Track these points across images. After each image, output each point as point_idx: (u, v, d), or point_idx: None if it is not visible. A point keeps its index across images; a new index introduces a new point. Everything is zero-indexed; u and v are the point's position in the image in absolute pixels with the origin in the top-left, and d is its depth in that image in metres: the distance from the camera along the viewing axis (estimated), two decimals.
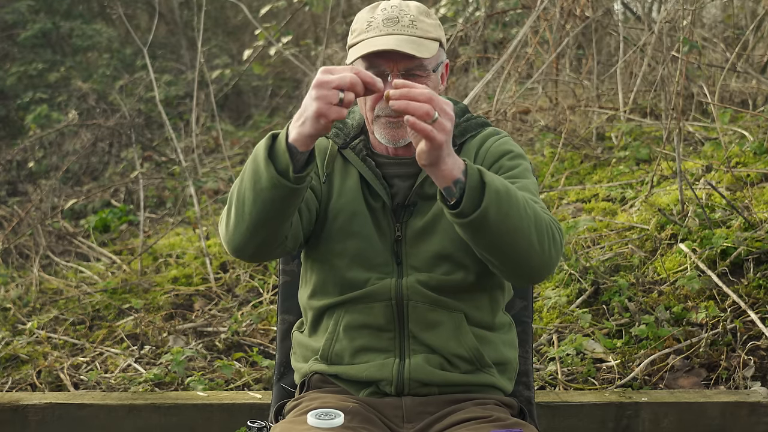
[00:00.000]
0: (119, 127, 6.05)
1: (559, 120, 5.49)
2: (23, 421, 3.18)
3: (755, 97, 5.63)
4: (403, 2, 2.07)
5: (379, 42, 2.00)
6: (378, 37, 2.01)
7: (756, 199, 4.04)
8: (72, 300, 4.31)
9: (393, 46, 1.98)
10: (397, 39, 2.00)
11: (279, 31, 5.82)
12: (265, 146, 1.89)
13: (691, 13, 4.59)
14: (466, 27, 5.86)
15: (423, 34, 2.03)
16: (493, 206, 1.84)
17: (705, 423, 3.06)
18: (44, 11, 8.35)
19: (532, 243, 1.90)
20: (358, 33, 2.05)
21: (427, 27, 2.04)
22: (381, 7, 2.06)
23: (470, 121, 2.19)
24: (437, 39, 2.06)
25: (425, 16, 2.06)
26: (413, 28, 2.02)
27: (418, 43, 2.01)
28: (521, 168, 2.12)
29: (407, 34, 2.01)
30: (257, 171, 1.89)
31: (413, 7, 2.06)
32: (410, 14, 2.04)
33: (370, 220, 2.12)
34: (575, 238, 4.03)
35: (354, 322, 2.11)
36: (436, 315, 2.09)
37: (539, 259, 1.93)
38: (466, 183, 1.83)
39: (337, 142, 2.17)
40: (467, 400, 2.10)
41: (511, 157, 2.13)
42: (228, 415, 3.15)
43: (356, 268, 2.10)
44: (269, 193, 1.89)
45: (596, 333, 3.49)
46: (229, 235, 2.00)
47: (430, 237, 2.10)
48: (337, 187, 2.14)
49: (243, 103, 8.92)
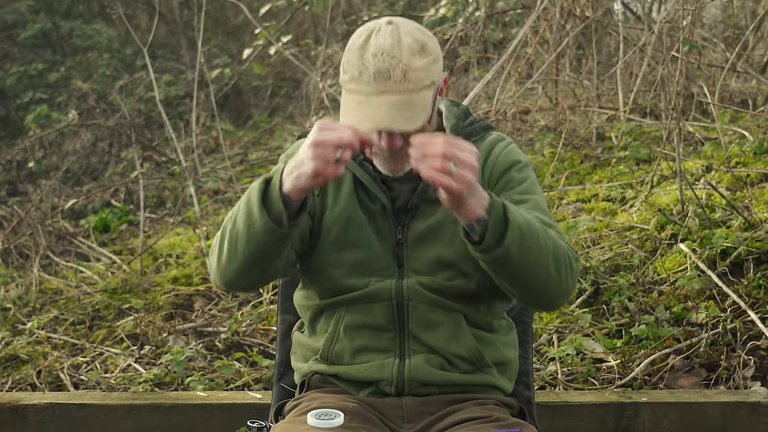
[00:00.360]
0: (119, 127, 6.06)
1: (559, 120, 5.49)
2: (23, 421, 3.18)
3: (755, 97, 5.63)
4: (395, 40, 1.95)
5: (371, 112, 1.93)
6: (369, 96, 1.94)
7: (756, 199, 4.04)
8: (72, 300, 4.31)
9: (386, 122, 1.92)
10: (389, 107, 1.92)
11: (279, 30, 5.83)
12: (258, 191, 1.91)
13: (691, 13, 4.59)
14: (466, 27, 5.86)
15: (416, 86, 1.94)
16: (515, 242, 1.88)
17: (705, 423, 3.06)
18: (44, 11, 8.36)
19: (551, 273, 1.95)
20: (350, 78, 1.97)
21: (420, 74, 1.95)
22: (372, 51, 1.95)
23: (474, 125, 2.18)
24: (432, 82, 1.98)
25: (419, 56, 1.96)
26: (406, 83, 1.93)
27: (411, 106, 1.94)
28: (530, 182, 2.13)
29: (399, 91, 1.93)
30: (251, 215, 1.92)
31: (406, 48, 1.95)
32: (402, 62, 1.93)
33: (367, 225, 2.11)
34: (575, 238, 4.04)
35: (354, 322, 2.11)
36: (436, 315, 2.09)
37: (557, 288, 1.98)
38: (489, 221, 1.86)
39: None
40: (467, 400, 2.10)
41: (519, 169, 2.13)
42: (228, 415, 3.15)
43: (355, 275, 2.10)
44: (263, 236, 1.93)
45: (596, 333, 3.49)
46: (220, 270, 2.03)
47: (433, 242, 2.10)
48: (331, 197, 2.14)
49: (243, 103, 8.92)
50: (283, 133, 7.44)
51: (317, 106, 6.31)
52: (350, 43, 2.00)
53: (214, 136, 7.03)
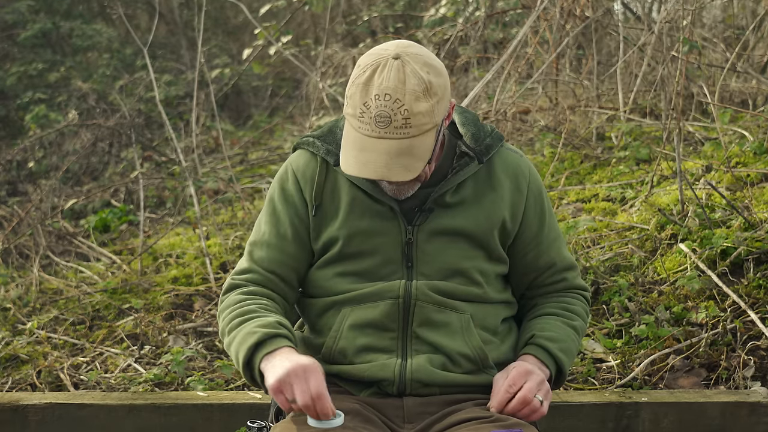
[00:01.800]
0: (119, 127, 6.05)
1: (559, 120, 5.49)
2: (23, 421, 3.18)
3: (755, 97, 5.63)
4: (399, 81, 1.91)
5: (371, 160, 1.93)
6: (371, 138, 1.93)
7: (756, 199, 4.04)
8: (72, 300, 4.31)
9: (383, 173, 1.94)
10: (388, 155, 1.92)
11: (279, 30, 5.82)
12: (244, 374, 2.06)
13: (691, 13, 4.59)
14: (466, 27, 5.86)
15: (417, 131, 1.93)
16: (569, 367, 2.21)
17: (705, 423, 3.06)
18: (44, 11, 8.35)
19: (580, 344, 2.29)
20: (352, 115, 1.96)
21: (423, 119, 1.93)
22: (375, 92, 1.92)
23: (492, 136, 2.17)
24: (434, 125, 1.96)
25: (423, 99, 1.93)
26: (407, 128, 1.92)
27: (410, 153, 1.93)
28: (550, 209, 2.25)
29: (400, 137, 1.92)
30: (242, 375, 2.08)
31: (409, 91, 1.92)
32: (404, 106, 1.91)
33: (372, 232, 2.11)
34: (575, 238, 4.04)
35: (359, 320, 2.11)
36: (443, 316, 2.09)
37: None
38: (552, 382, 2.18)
39: (330, 160, 2.15)
40: (468, 400, 2.10)
41: (546, 197, 2.24)
42: (228, 415, 3.15)
43: (362, 281, 2.11)
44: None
45: (596, 333, 3.49)
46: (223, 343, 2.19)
47: (446, 249, 2.10)
48: (330, 213, 2.14)
49: (243, 103, 8.92)
50: (283, 133, 7.43)
51: (317, 106, 6.31)
52: (355, 75, 1.97)
53: (214, 136, 7.03)
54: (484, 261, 2.14)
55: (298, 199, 2.16)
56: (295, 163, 2.19)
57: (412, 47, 1.98)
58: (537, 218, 2.18)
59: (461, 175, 2.11)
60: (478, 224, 2.11)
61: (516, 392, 2.02)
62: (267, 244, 2.17)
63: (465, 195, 2.12)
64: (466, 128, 2.15)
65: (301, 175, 2.17)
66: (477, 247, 2.12)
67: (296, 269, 2.17)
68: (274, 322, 2.04)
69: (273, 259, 2.16)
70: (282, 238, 2.16)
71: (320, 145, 2.16)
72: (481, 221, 2.11)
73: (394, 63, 1.93)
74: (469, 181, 2.13)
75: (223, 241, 4.71)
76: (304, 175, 2.16)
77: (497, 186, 2.13)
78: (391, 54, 1.94)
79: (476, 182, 2.13)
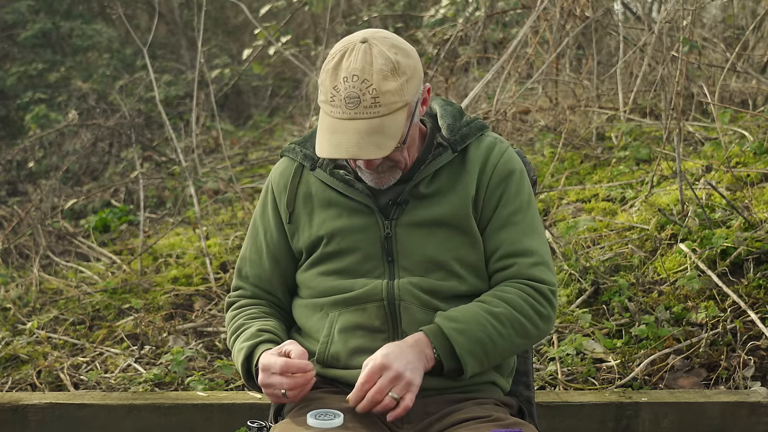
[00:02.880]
0: (119, 127, 6.05)
1: (559, 120, 5.49)
2: (23, 421, 3.18)
3: (755, 97, 5.63)
4: (366, 62, 1.95)
5: (343, 140, 1.96)
6: (341, 120, 1.96)
7: (756, 199, 4.04)
8: (72, 300, 4.31)
9: (354, 152, 1.96)
10: (359, 134, 1.95)
11: (279, 30, 5.82)
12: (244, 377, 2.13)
13: (691, 13, 4.59)
14: (466, 27, 5.86)
15: (387, 110, 1.95)
16: (476, 363, 2.04)
17: (705, 423, 3.06)
18: (44, 11, 8.35)
19: (521, 345, 2.12)
20: (324, 100, 2.00)
21: (392, 98, 1.95)
22: (343, 74, 1.96)
23: (470, 125, 2.17)
24: (404, 104, 1.98)
25: (391, 77, 1.96)
26: (376, 107, 1.94)
27: (382, 131, 1.95)
28: (523, 197, 2.14)
29: (370, 116, 1.94)
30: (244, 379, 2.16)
31: (377, 71, 1.95)
32: (372, 85, 1.94)
33: (350, 229, 2.12)
34: (575, 238, 4.03)
35: (348, 324, 2.11)
36: (428, 316, 2.08)
37: (535, 341, 2.17)
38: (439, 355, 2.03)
39: (306, 164, 2.18)
40: (467, 399, 2.10)
41: (515, 180, 2.14)
42: (228, 415, 3.15)
43: (344, 279, 2.12)
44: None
45: (596, 333, 3.49)
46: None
47: (426, 241, 2.10)
48: (305, 218, 2.17)
49: (243, 103, 8.93)
50: (283, 133, 7.44)
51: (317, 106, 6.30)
52: (325, 63, 2.02)
53: (214, 136, 7.03)
54: (467, 249, 2.11)
55: (272, 213, 2.22)
56: (273, 174, 2.26)
57: (381, 32, 2.04)
58: (496, 198, 2.12)
59: (434, 164, 2.11)
60: (454, 210, 2.09)
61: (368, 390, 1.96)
62: (250, 260, 2.27)
63: (440, 184, 2.12)
64: (443, 120, 2.17)
65: (276, 186, 2.23)
66: (458, 233, 2.10)
67: (282, 278, 2.25)
68: (255, 332, 2.14)
69: (256, 274, 2.26)
70: (260, 254, 2.24)
71: (299, 150, 2.21)
72: (457, 206, 2.10)
73: (361, 47, 1.98)
74: (444, 170, 2.13)
75: (223, 241, 4.71)
76: (278, 185, 2.22)
77: (470, 169, 2.12)
78: (359, 39, 2.00)
79: (451, 171, 2.13)
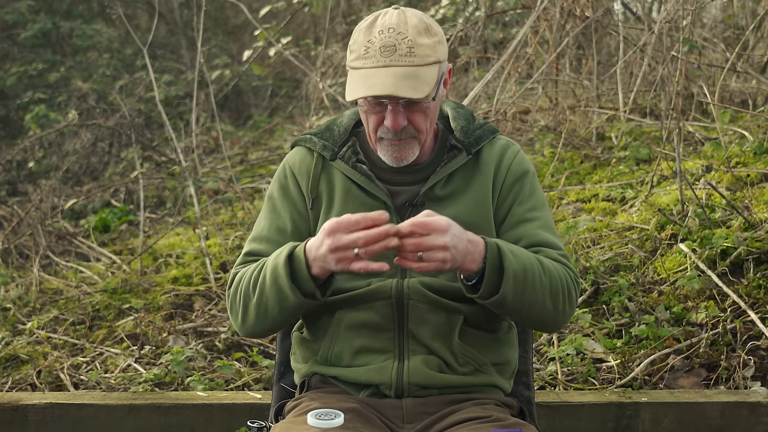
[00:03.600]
0: (119, 127, 6.05)
1: (559, 120, 5.49)
2: (23, 421, 3.18)
3: (755, 97, 5.63)
4: (401, 20, 2.01)
5: (376, 81, 1.97)
6: (376, 68, 1.98)
7: (756, 199, 4.04)
8: (72, 300, 4.31)
9: (390, 89, 1.96)
10: (395, 77, 1.97)
11: (279, 31, 5.82)
12: (286, 273, 1.97)
13: (691, 13, 4.59)
14: (466, 27, 5.86)
15: (422, 61, 1.99)
16: (510, 290, 1.95)
17: (705, 423, 3.06)
18: (44, 11, 8.36)
19: (547, 308, 2.03)
20: (356, 57, 2.02)
21: (426, 50, 2.00)
22: (378, 29, 2.01)
23: (483, 128, 2.19)
24: (437, 61, 2.02)
25: (425, 34, 2.01)
26: (411, 57, 1.98)
27: (416, 77, 1.98)
28: (537, 196, 2.17)
29: (405, 64, 1.97)
30: (282, 293, 1.99)
31: (411, 26, 2.00)
32: (408, 38, 1.98)
33: None
34: (575, 238, 4.04)
35: (354, 322, 2.11)
36: (435, 316, 2.09)
37: (553, 319, 2.07)
38: (486, 268, 1.93)
39: (326, 155, 2.17)
40: (467, 400, 2.10)
41: (530, 180, 2.17)
42: (228, 415, 3.15)
43: (356, 277, 2.11)
44: (296, 308, 2.02)
45: (596, 333, 3.49)
46: (246, 328, 2.11)
47: None
48: (326, 205, 2.15)
49: (243, 103, 8.93)
50: (283, 133, 7.44)
51: (317, 106, 6.31)
52: (357, 27, 2.06)
53: (214, 136, 7.03)
54: None
55: (296, 194, 2.18)
56: (291, 159, 2.22)
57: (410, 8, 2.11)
58: (511, 198, 2.14)
59: (450, 166, 2.13)
60: (469, 211, 2.10)
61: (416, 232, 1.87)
62: (266, 239, 2.17)
63: (455, 186, 2.13)
64: (456, 122, 2.18)
65: (297, 170, 2.19)
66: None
67: None
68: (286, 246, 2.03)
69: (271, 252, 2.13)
70: (281, 232, 2.16)
71: (317, 141, 2.19)
72: (472, 207, 2.11)
73: (394, 11, 2.04)
74: (459, 172, 2.14)
75: (223, 241, 4.71)
76: (300, 170, 2.19)
77: (484, 170, 2.15)
78: (391, 7, 2.06)
79: (465, 173, 2.14)
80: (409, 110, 2.03)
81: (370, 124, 2.08)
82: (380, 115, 2.04)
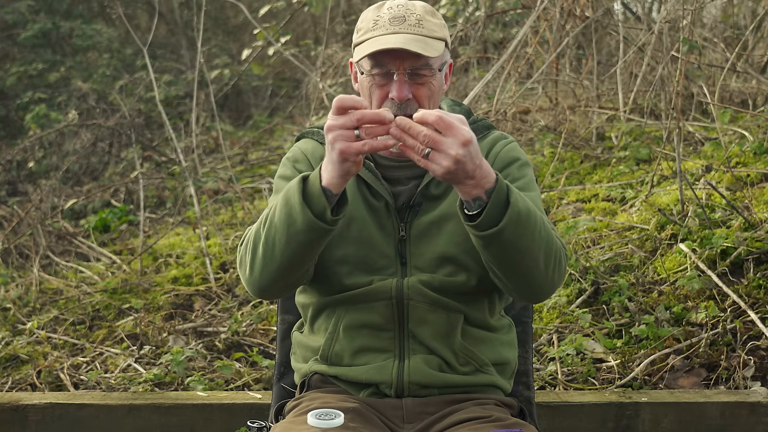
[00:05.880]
0: (119, 127, 6.06)
1: (559, 120, 5.49)
2: (23, 421, 3.18)
3: (755, 97, 5.64)
4: (409, 2, 2.08)
5: (386, 40, 2.01)
6: (385, 35, 2.02)
7: (756, 199, 4.04)
8: (72, 300, 4.32)
9: (400, 44, 1.99)
10: (404, 37, 2.01)
11: (278, 31, 5.83)
12: (298, 190, 1.90)
13: (691, 13, 4.59)
14: (466, 27, 5.86)
15: (429, 33, 2.04)
16: (511, 226, 1.88)
17: (705, 423, 3.06)
18: (44, 11, 8.36)
19: (539, 264, 1.95)
20: (364, 32, 2.06)
21: (433, 27, 2.05)
22: (387, 6, 2.07)
23: (477, 124, 2.20)
24: (443, 39, 2.07)
25: (431, 15, 2.08)
26: (419, 27, 2.03)
27: (425, 42, 2.02)
28: (527, 179, 2.14)
29: (414, 33, 2.02)
30: (291, 214, 1.91)
31: (419, 6, 2.07)
32: (416, 13, 2.04)
33: (371, 222, 2.11)
34: (575, 238, 4.04)
35: (354, 322, 2.11)
36: (435, 315, 2.09)
37: (542, 281, 1.99)
38: (489, 202, 1.86)
39: None
40: (467, 400, 2.10)
41: (519, 166, 2.15)
42: (228, 415, 3.15)
43: (358, 273, 2.10)
44: (304, 235, 1.92)
45: (596, 333, 3.49)
46: (254, 277, 2.01)
47: (435, 238, 2.10)
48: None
49: (243, 103, 8.93)
50: (283, 133, 7.44)
51: (317, 106, 6.31)
52: (363, 13, 2.11)
53: (214, 136, 7.03)
54: None
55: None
56: (303, 146, 2.22)
57: None
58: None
59: None
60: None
61: (429, 124, 1.81)
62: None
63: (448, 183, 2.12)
64: None
65: (311, 155, 2.20)
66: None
67: None
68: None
69: None
70: None
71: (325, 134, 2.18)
72: None
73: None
74: None
75: (223, 241, 4.71)
76: (313, 155, 2.19)
77: None
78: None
79: None
80: (414, 82, 2.02)
81: (374, 101, 2.06)
82: (385, 90, 2.02)
